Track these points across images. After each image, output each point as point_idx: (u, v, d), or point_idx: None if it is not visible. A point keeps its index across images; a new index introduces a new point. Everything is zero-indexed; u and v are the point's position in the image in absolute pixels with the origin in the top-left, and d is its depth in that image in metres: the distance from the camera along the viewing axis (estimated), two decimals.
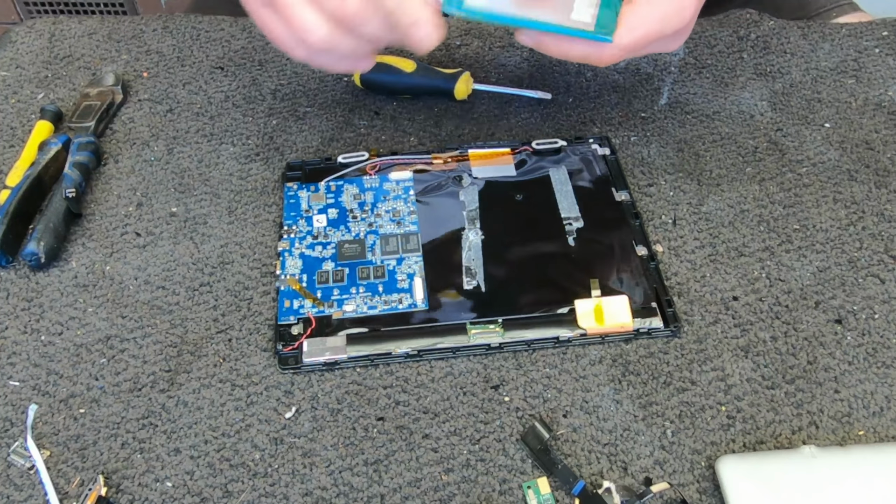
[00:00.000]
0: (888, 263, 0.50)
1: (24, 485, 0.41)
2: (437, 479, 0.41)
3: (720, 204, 0.53)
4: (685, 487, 0.41)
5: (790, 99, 0.60)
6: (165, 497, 0.41)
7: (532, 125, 0.59)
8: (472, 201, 0.53)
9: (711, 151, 0.57)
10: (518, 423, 0.43)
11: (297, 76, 0.62)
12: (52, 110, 0.58)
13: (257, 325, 0.48)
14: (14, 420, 0.44)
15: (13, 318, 0.48)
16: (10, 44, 0.66)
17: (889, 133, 0.58)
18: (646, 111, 0.60)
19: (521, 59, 0.63)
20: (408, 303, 0.48)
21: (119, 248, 0.51)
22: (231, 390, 0.45)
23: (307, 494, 0.41)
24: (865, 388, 0.44)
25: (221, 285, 0.49)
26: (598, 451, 0.42)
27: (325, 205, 0.53)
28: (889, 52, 0.64)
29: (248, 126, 0.59)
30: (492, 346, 0.46)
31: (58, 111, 0.58)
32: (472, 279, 0.49)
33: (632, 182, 0.55)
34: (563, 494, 0.41)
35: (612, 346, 0.46)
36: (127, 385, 0.45)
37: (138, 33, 0.66)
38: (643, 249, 0.50)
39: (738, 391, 0.44)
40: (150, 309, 0.48)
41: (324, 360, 0.45)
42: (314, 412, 0.44)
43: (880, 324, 0.47)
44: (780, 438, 0.43)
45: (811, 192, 0.54)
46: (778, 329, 0.47)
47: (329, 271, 0.49)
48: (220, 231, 0.52)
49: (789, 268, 0.50)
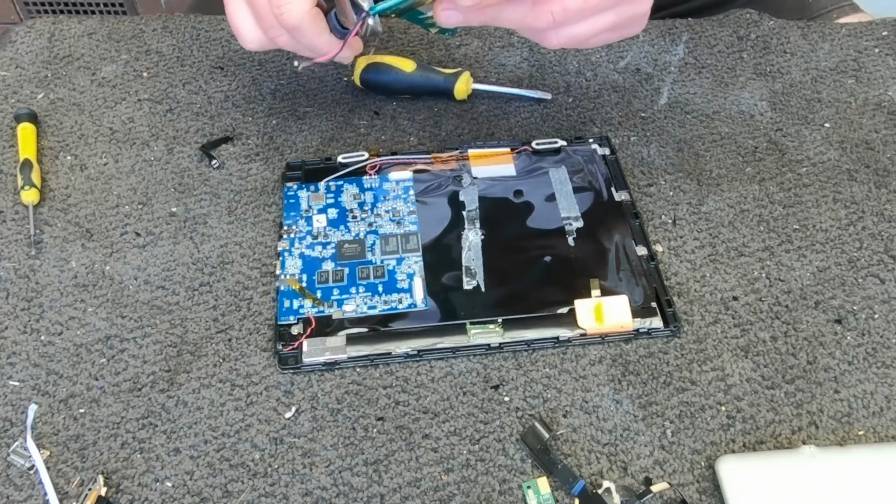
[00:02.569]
0: (888, 263, 0.50)
1: (24, 485, 0.41)
2: (437, 479, 0.41)
3: (720, 204, 0.53)
4: (685, 487, 0.41)
5: (790, 99, 0.60)
6: (165, 497, 0.41)
7: (532, 125, 0.59)
8: (472, 201, 0.53)
9: (711, 151, 0.57)
10: (518, 423, 0.43)
11: (297, 76, 0.62)
12: (26, 112, 0.58)
13: (257, 325, 0.48)
14: (14, 420, 0.44)
15: (13, 318, 0.48)
16: (10, 44, 0.66)
17: (889, 133, 0.58)
18: (646, 111, 0.60)
19: (520, 58, 0.63)
20: (408, 303, 0.48)
21: (119, 248, 0.51)
22: (231, 390, 0.45)
23: (307, 494, 0.41)
24: (865, 388, 0.44)
25: (221, 285, 0.49)
26: (597, 451, 0.42)
27: (324, 205, 0.53)
28: (889, 52, 0.64)
29: (248, 126, 0.59)
30: (492, 346, 0.46)
31: (31, 112, 0.59)
32: (472, 279, 0.49)
33: (632, 182, 0.55)
34: (563, 494, 0.41)
35: (612, 346, 0.46)
36: (127, 385, 0.45)
37: (138, 33, 0.66)
38: (643, 249, 0.50)
39: (737, 391, 0.44)
40: (150, 309, 0.48)
41: (324, 360, 0.45)
42: (314, 412, 0.44)
43: (880, 324, 0.47)
44: (780, 438, 0.43)
45: (811, 192, 0.54)
46: (778, 329, 0.47)
47: (329, 271, 0.49)
48: (220, 231, 0.52)
49: (789, 268, 0.50)
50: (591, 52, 0.64)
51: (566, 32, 0.45)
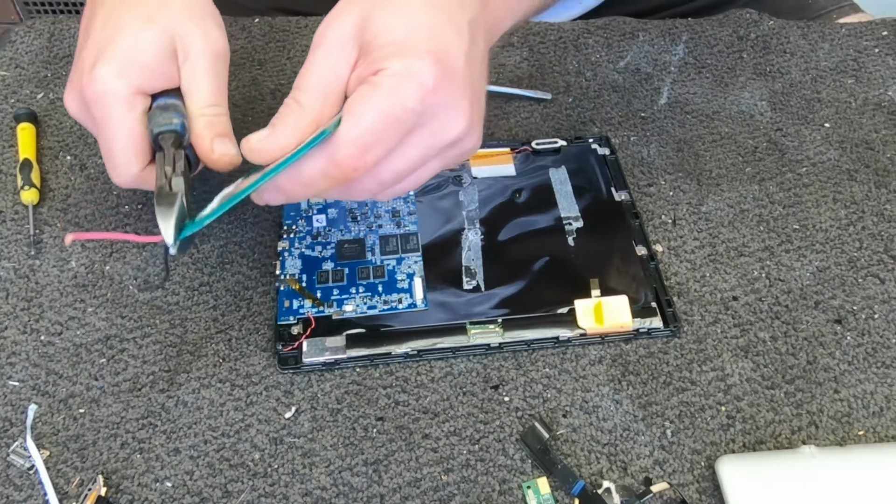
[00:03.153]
0: (888, 263, 0.50)
1: (23, 485, 0.41)
2: (437, 479, 0.41)
3: (720, 204, 0.53)
4: (685, 487, 0.41)
5: (790, 99, 0.60)
6: (165, 497, 0.41)
7: (532, 125, 0.59)
8: (472, 201, 0.53)
9: (711, 151, 0.57)
10: (518, 423, 0.43)
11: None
12: (26, 112, 0.58)
13: (257, 325, 0.48)
14: (14, 420, 0.44)
15: (13, 318, 0.48)
16: (9, 44, 0.66)
17: (889, 133, 0.58)
18: (646, 111, 0.60)
19: (520, 58, 0.63)
20: (407, 303, 0.48)
21: (119, 248, 0.51)
22: (231, 390, 0.45)
23: (307, 494, 0.41)
24: (865, 388, 0.44)
25: (221, 285, 0.49)
26: (597, 451, 0.42)
27: (324, 204, 0.53)
28: (889, 52, 0.64)
29: (248, 126, 0.59)
30: (491, 346, 0.46)
31: (31, 112, 0.58)
32: (472, 279, 0.49)
33: (632, 182, 0.55)
34: (563, 494, 0.41)
35: (612, 346, 0.46)
36: (126, 385, 0.45)
37: None
38: (643, 249, 0.50)
39: (737, 391, 0.44)
40: (150, 309, 0.48)
41: (323, 360, 0.45)
42: (314, 412, 0.44)
43: (880, 324, 0.47)
44: (780, 438, 0.43)
45: (811, 192, 0.54)
46: (778, 329, 0.47)
47: (329, 271, 0.49)
48: (219, 231, 0.52)
49: (789, 268, 0.50)
50: (591, 52, 0.64)
51: (391, 193, 0.42)
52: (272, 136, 0.39)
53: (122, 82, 0.43)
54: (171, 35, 0.44)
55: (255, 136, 0.39)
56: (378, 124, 0.38)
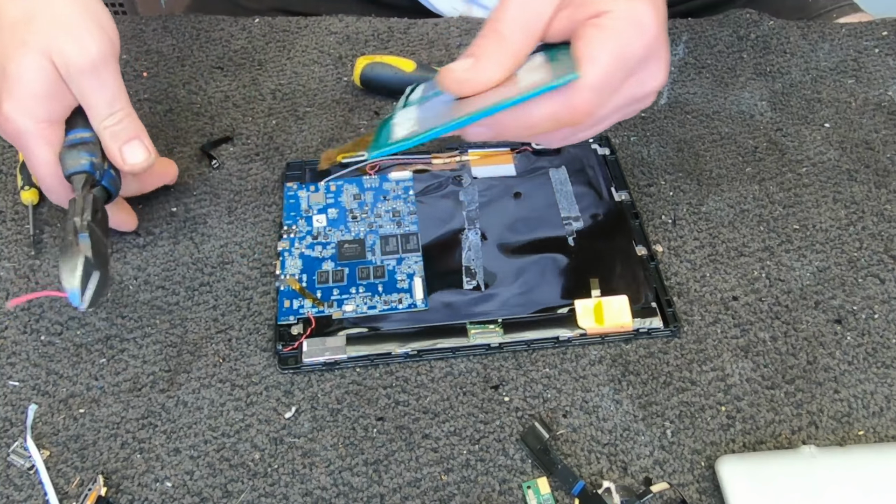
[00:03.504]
0: (888, 263, 0.50)
1: (23, 485, 0.41)
2: (437, 479, 0.41)
3: (720, 204, 0.53)
4: (685, 487, 0.41)
5: (790, 99, 0.60)
6: (165, 497, 0.41)
7: None
8: (472, 201, 0.53)
9: (711, 151, 0.57)
10: (518, 423, 0.43)
11: (297, 76, 0.62)
12: None
13: (257, 325, 0.48)
14: (14, 420, 0.44)
15: (13, 318, 0.48)
16: None
17: (889, 133, 0.58)
18: (646, 111, 0.60)
19: None
20: (408, 303, 0.48)
21: (119, 248, 0.51)
22: (231, 390, 0.45)
23: (307, 494, 0.41)
24: (865, 388, 0.44)
25: (221, 285, 0.49)
26: (597, 451, 0.42)
27: (324, 205, 0.53)
28: (889, 52, 0.64)
29: (248, 126, 0.59)
30: (491, 347, 0.46)
31: None
32: (472, 279, 0.49)
33: (632, 182, 0.55)
34: (563, 494, 0.41)
35: (612, 346, 0.46)
36: (126, 385, 0.45)
37: (138, 33, 0.66)
38: (643, 249, 0.50)
39: (737, 391, 0.44)
40: (150, 309, 0.48)
41: (324, 360, 0.45)
42: (314, 412, 0.44)
43: (880, 324, 0.47)
44: (780, 438, 0.43)
45: (811, 192, 0.54)
46: (778, 329, 0.47)
47: (329, 271, 0.49)
48: (219, 231, 0.52)
49: (789, 268, 0.50)
50: None
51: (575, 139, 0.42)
52: (476, 67, 0.38)
53: (27, 119, 0.42)
54: (47, 55, 0.42)
55: (458, 65, 0.38)
56: (613, 69, 0.37)
